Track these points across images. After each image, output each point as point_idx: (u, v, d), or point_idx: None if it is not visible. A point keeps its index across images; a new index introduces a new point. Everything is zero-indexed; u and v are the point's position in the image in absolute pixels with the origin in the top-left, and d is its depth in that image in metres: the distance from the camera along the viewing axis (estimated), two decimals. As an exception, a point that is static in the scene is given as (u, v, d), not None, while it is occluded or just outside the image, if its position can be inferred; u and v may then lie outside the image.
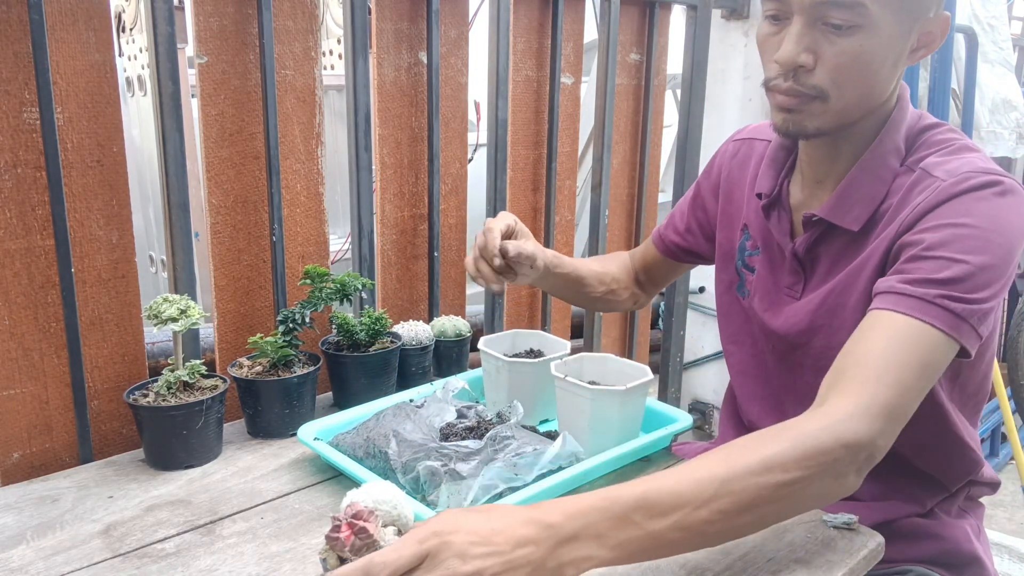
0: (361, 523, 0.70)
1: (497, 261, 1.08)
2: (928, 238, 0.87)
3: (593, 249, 1.94)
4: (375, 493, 0.74)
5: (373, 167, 1.47)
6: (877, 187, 0.96)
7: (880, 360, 0.82)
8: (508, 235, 1.13)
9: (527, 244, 1.12)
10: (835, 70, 0.88)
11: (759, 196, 1.07)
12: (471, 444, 0.94)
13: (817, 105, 0.91)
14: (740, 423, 1.20)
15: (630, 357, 2.18)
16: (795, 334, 1.03)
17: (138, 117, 2.89)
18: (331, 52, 3.41)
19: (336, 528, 0.69)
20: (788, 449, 0.76)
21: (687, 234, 1.26)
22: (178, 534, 0.90)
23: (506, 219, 1.14)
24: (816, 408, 0.82)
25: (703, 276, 2.61)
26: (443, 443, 0.95)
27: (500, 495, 0.90)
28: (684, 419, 1.12)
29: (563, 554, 0.68)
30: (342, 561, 0.69)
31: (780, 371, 1.10)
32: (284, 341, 1.16)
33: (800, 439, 0.76)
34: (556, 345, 1.23)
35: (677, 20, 2.12)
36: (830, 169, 1.00)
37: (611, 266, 1.33)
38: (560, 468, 0.96)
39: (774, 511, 0.77)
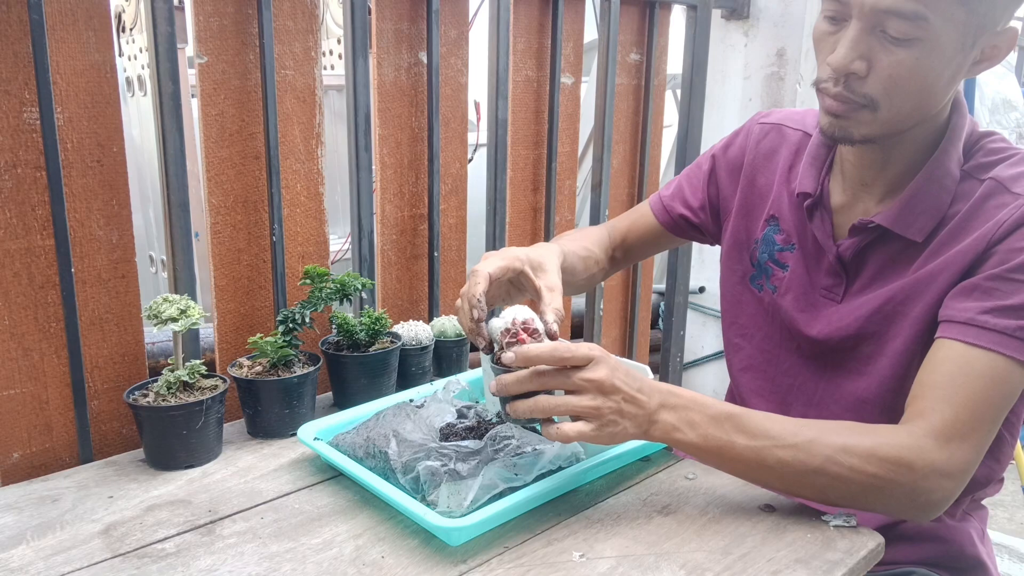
0: (533, 327, 0.88)
1: (476, 313, 0.92)
2: (1014, 259, 0.87)
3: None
4: (524, 312, 0.90)
5: (373, 167, 1.47)
6: (942, 196, 0.94)
7: (965, 396, 0.86)
8: (502, 276, 0.98)
9: (555, 296, 0.97)
10: (888, 80, 0.86)
11: (803, 195, 1.04)
12: (471, 444, 0.94)
13: (866, 114, 0.89)
14: None
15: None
16: (840, 338, 1.01)
17: (138, 117, 2.89)
18: (331, 52, 3.41)
19: (514, 335, 0.87)
20: (874, 445, 0.85)
21: (700, 211, 1.21)
22: (178, 534, 0.90)
23: (496, 262, 0.97)
24: (902, 425, 0.88)
25: (703, 276, 2.61)
26: (443, 443, 0.95)
27: (500, 495, 0.90)
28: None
29: (661, 415, 0.87)
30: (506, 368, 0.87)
31: (799, 371, 1.08)
32: (284, 341, 1.16)
33: (888, 444, 0.85)
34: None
35: (677, 20, 2.13)
36: (879, 174, 0.98)
37: (592, 247, 1.23)
38: (560, 468, 0.96)
39: (840, 490, 0.86)
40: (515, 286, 1.04)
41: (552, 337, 0.90)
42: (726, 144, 1.20)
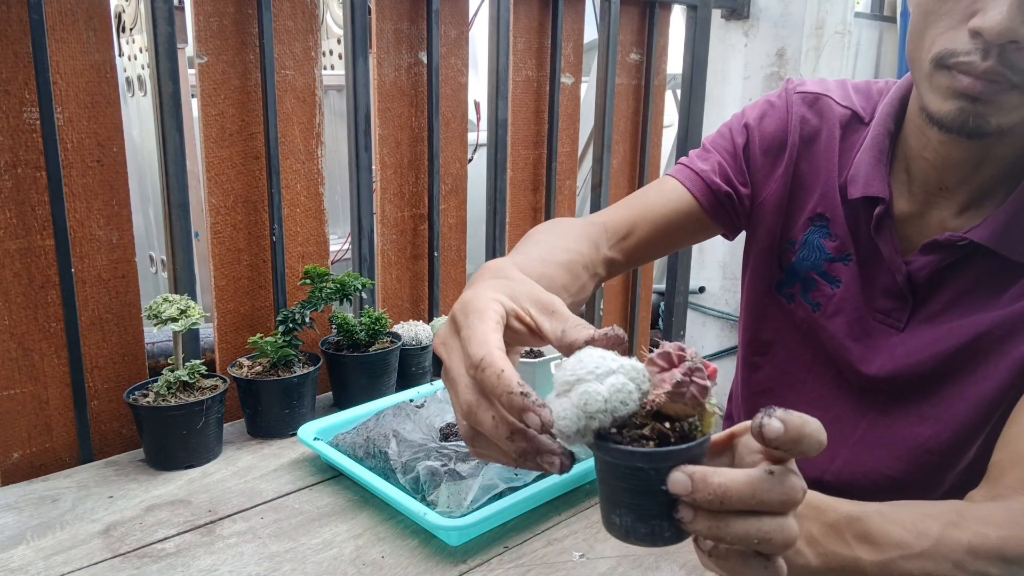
0: (713, 366, 0.49)
1: (528, 400, 0.48)
2: None
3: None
4: (598, 353, 0.49)
5: (373, 167, 1.47)
6: None
7: None
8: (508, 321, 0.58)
9: (566, 317, 0.56)
10: None
11: (872, 200, 0.84)
12: (471, 444, 0.93)
13: (1015, 97, 0.68)
14: None
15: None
16: (908, 374, 0.83)
17: (138, 117, 2.88)
18: (331, 52, 3.41)
19: (691, 371, 0.46)
20: (1001, 541, 0.65)
21: (746, 198, 0.95)
22: (178, 534, 0.90)
23: (492, 327, 0.53)
24: (1013, 502, 0.69)
25: (703, 276, 2.61)
26: (443, 443, 0.95)
27: (500, 495, 0.90)
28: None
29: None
30: (660, 418, 0.47)
31: (834, 404, 0.90)
32: (284, 341, 1.16)
33: (1014, 537, 0.66)
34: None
35: (677, 20, 2.13)
36: (967, 177, 0.79)
37: (580, 251, 0.85)
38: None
39: None
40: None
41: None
42: (760, 114, 0.94)
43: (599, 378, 0.46)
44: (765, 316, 0.96)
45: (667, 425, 0.46)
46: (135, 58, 2.85)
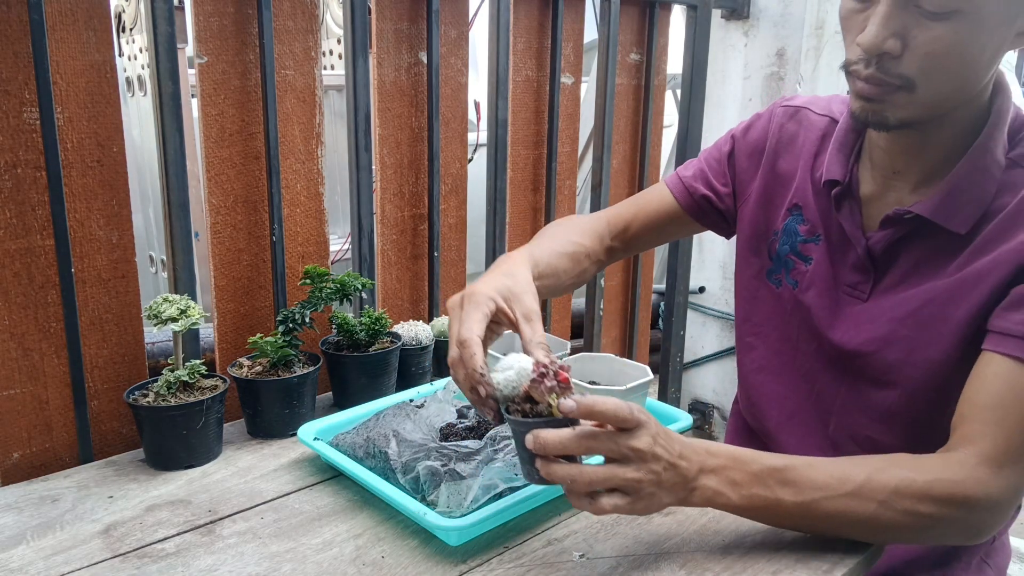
0: (565, 375, 0.75)
1: (482, 390, 0.78)
2: None
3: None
4: (525, 360, 0.78)
5: (373, 167, 1.47)
6: (987, 186, 0.86)
7: (1018, 418, 0.79)
8: (496, 319, 0.85)
9: (535, 327, 0.83)
10: (925, 59, 0.78)
11: (831, 184, 0.97)
12: (471, 444, 0.94)
13: (902, 96, 0.81)
14: (750, 433, 1.14)
15: (630, 357, 2.18)
16: (865, 341, 0.94)
17: (138, 117, 2.89)
18: (331, 52, 3.41)
19: (543, 375, 0.74)
20: (927, 484, 0.78)
21: (725, 196, 1.12)
22: (178, 534, 0.90)
23: (477, 319, 0.81)
24: (952, 452, 0.81)
25: (703, 276, 2.61)
26: (443, 443, 0.95)
27: (500, 495, 0.90)
28: (684, 419, 1.12)
29: (701, 480, 0.79)
30: (529, 401, 0.76)
31: (819, 376, 1.01)
32: (284, 341, 1.16)
33: (941, 480, 0.78)
34: (556, 345, 1.23)
35: (677, 20, 2.13)
36: (913, 161, 0.91)
37: (581, 239, 1.08)
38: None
39: (894, 532, 0.81)
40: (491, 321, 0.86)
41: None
42: (747, 126, 1.11)
43: (504, 371, 0.77)
44: (756, 299, 1.08)
45: (528, 406, 0.76)
46: (135, 58, 2.85)
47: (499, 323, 0.86)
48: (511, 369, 0.76)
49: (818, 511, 0.80)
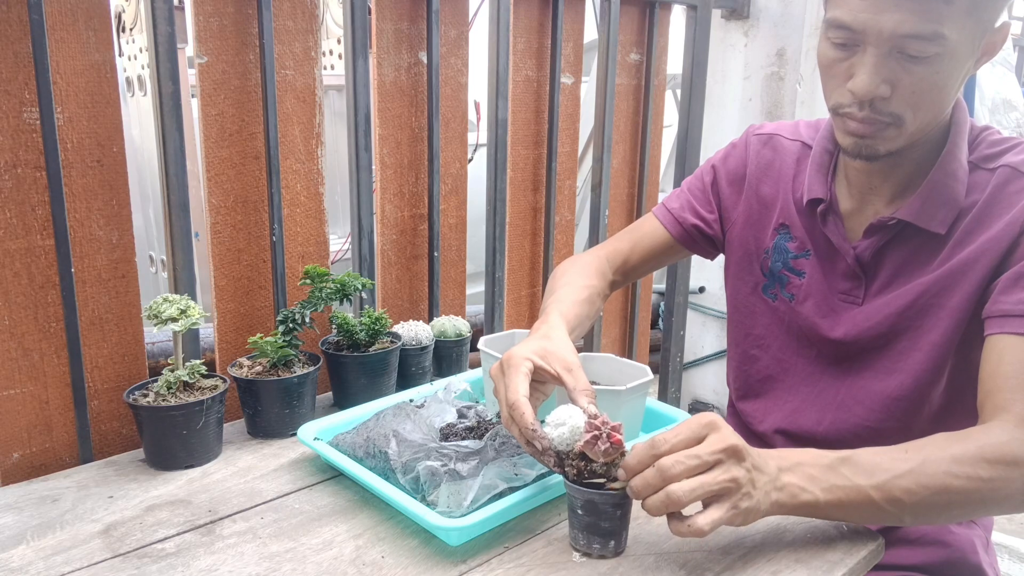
0: (618, 436, 0.80)
1: (540, 444, 0.84)
2: None
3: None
4: (575, 412, 0.84)
5: (373, 167, 1.47)
6: (958, 188, 0.96)
7: None
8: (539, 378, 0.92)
9: (578, 375, 0.90)
10: (912, 96, 0.88)
11: (816, 202, 1.05)
12: (471, 444, 0.94)
13: (892, 130, 0.91)
14: (749, 434, 1.16)
15: (630, 357, 2.18)
16: (869, 338, 1.02)
17: (138, 117, 2.89)
18: (331, 52, 3.41)
19: (597, 437, 0.79)
20: (979, 448, 0.82)
21: (713, 223, 1.20)
22: (178, 534, 0.90)
23: (521, 381, 0.88)
24: (990, 423, 0.86)
25: (703, 276, 2.61)
26: (443, 443, 0.95)
27: (500, 495, 0.90)
28: (684, 419, 1.12)
29: (784, 478, 0.81)
30: (583, 459, 0.82)
31: (819, 377, 1.08)
32: (284, 341, 1.16)
33: (990, 444, 0.83)
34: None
35: (677, 20, 2.13)
36: (885, 179, 1.00)
37: (593, 281, 1.17)
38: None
39: (965, 504, 0.83)
40: (535, 380, 0.93)
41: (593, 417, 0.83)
42: (724, 155, 1.20)
43: (557, 427, 0.83)
44: (755, 314, 1.15)
45: (583, 463, 0.82)
46: (135, 58, 2.85)
47: (542, 382, 0.93)
48: (564, 425, 0.82)
49: (895, 491, 0.81)
